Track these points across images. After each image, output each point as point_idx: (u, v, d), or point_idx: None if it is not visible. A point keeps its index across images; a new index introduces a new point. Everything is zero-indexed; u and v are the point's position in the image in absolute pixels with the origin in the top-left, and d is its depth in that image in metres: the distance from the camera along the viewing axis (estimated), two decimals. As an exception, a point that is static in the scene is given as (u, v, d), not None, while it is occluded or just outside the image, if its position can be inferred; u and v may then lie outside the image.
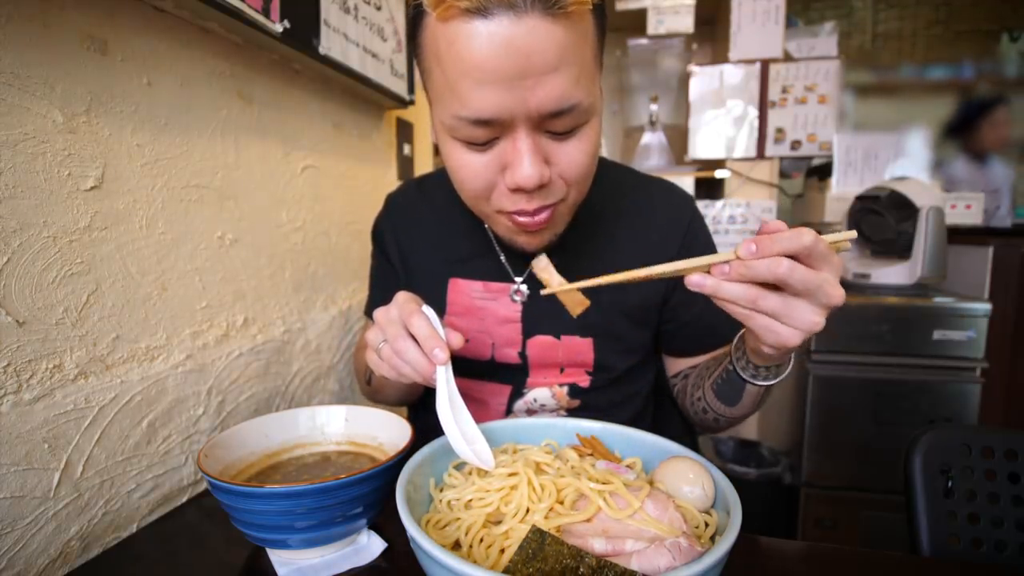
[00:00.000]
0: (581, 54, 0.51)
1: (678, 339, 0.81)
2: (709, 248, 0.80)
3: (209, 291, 0.75)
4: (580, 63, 0.51)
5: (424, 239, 0.82)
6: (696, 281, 0.45)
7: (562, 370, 0.76)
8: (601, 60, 0.59)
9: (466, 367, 0.79)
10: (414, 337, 0.55)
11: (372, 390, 0.83)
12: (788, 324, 0.45)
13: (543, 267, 0.66)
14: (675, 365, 0.83)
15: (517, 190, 0.56)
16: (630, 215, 0.78)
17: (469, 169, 0.58)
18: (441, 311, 0.78)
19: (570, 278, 0.75)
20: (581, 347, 0.75)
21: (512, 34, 0.47)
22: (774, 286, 0.44)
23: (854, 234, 0.45)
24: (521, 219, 0.60)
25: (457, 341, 0.55)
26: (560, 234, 0.66)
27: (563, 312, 0.75)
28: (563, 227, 0.66)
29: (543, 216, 0.60)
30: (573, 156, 0.57)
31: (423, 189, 0.85)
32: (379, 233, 0.88)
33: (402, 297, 0.58)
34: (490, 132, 0.54)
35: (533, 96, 0.50)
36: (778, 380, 0.59)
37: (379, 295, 0.88)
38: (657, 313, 0.78)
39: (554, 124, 0.53)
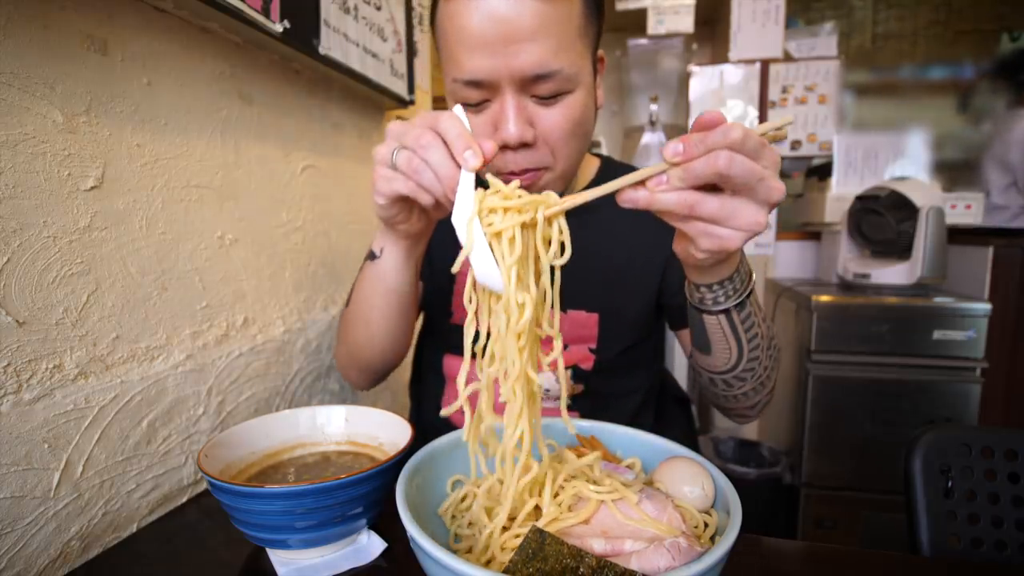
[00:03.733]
0: (562, 27, 0.58)
1: (679, 310, 0.80)
2: None
3: (209, 291, 0.75)
4: (561, 35, 0.58)
5: None
6: (628, 197, 0.43)
7: (566, 347, 0.77)
8: (593, 38, 0.64)
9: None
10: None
11: (345, 326, 0.78)
12: (729, 226, 0.43)
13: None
14: (687, 339, 0.83)
15: (504, 147, 0.63)
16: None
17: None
18: (452, 280, 0.81)
19: (566, 263, 0.76)
20: (587, 322, 0.76)
21: (495, 5, 0.56)
22: (712, 187, 0.42)
23: (791, 119, 0.43)
24: (511, 178, 0.63)
25: (491, 148, 0.48)
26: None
27: (569, 286, 0.75)
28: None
29: (527, 176, 0.66)
30: (555, 120, 0.62)
31: None
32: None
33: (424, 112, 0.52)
34: (482, 94, 0.61)
35: (515, 60, 0.57)
36: (727, 305, 0.55)
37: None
38: (657, 283, 0.79)
39: (537, 88, 0.60)
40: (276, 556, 0.54)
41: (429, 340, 0.90)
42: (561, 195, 0.74)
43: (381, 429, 0.64)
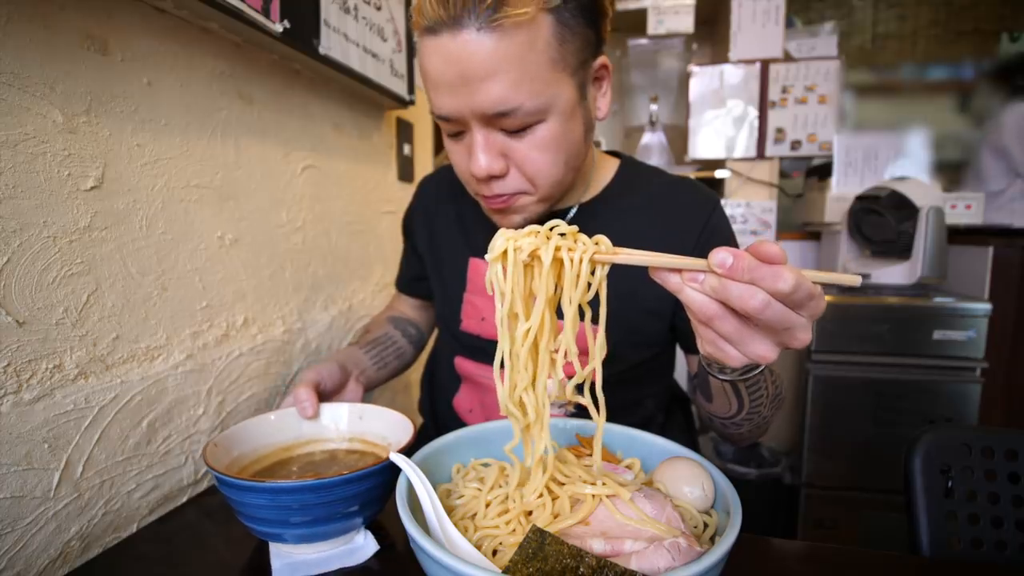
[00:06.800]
0: (522, 61, 0.56)
1: (689, 333, 0.80)
2: (728, 244, 0.77)
3: (209, 291, 0.75)
4: (521, 69, 0.56)
5: (450, 220, 0.86)
6: (661, 276, 0.42)
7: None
8: (574, 57, 0.61)
9: (479, 348, 0.81)
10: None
11: None
12: (736, 348, 0.42)
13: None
14: (694, 363, 0.82)
15: (475, 177, 0.64)
16: (651, 209, 0.78)
17: (453, 155, 0.68)
18: (462, 288, 0.83)
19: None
20: (584, 337, 0.75)
21: (450, 48, 0.56)
22: None
23: (858, 280, 0.40)
24: (486, 200, 0.68)
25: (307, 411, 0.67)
26: (530, 219, 0.70)
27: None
28: (535, 216, 0.70)
29: (499, 201, 0.67)
30: (526, 153, 0.62)
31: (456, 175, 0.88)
32: (408, 222, 0.96)
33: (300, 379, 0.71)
34: (455, 126, 0.63)
35: (473, 100, 0.58)
36: (740, 379, 0.53)
37: (403, 276, 1.01)
38: (672, 305, 0.76)
39: (503, 123, 0.60)
40: (276, 549, 0.55)
41: (443, 342, 0.91)
42: (552, 209, 0.74)
43: (390, 429, 0.65)
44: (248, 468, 0.60)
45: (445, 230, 0.86)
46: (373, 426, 0.66)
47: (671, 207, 0.78)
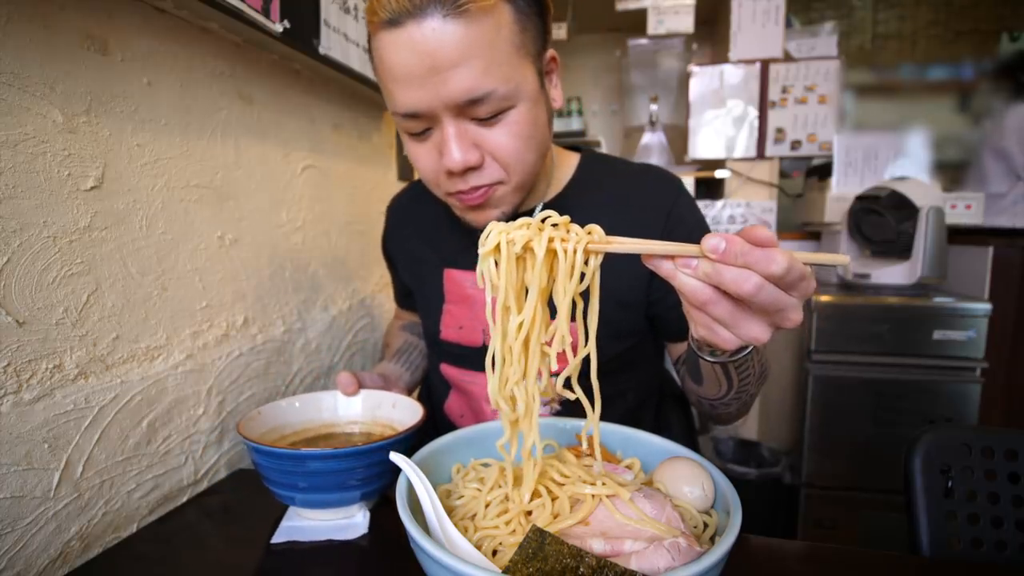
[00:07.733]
0: (489, 46, 0.56)
1: (667, 322, 0.79)
2: (696, 230, 0.77)
3: (209, 291, 0.75)
4: (489, 55, 0.56)
5: (423, 234, 0.86)
6: (654, 263, 0.43)
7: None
8: (533, 44, 0.62)
9: (460, 355, 0.82)
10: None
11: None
12: (731, 331, 0.42)
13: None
14: (675, 350, 0.82)
15: (450, 173, 0.63)
16: (613, 202, 0.77)
17: (418, 158, 0.66)
18: (440, 300, 0.83)
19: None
20: (571, 331, 0.75)
21: (416, 38, 0.55)
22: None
23: (847, 259, 0.42)
24: (463, 196, 0.66)
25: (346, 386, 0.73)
26: (506, 212, 0.69)
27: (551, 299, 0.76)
28: (511, 207, 0.69)
29: (478, 194, 0.65)
30: (500, 140, 0.62)
31: (425, 188, 0.87)
32: (384, 247, 0.96)
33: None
34: (421, 123, 0.61)
35: (444, 88, 0.57)
36: (730, 360, 0.53)
37: (396, 295, 1.03)
38: (644, 295, 0.76)
39: (475, 111, 0.59)
40: (291, 512, 0.62)
41: (431, 350, 0.92)
42: (523, 204, 0.74)
43: (413, 418, 0.68)
44: (288, 438, 0.68)
45: (417, 248, 0.86)
46: (403, 415, 0.71)
47: (633, 200, 0.77)
